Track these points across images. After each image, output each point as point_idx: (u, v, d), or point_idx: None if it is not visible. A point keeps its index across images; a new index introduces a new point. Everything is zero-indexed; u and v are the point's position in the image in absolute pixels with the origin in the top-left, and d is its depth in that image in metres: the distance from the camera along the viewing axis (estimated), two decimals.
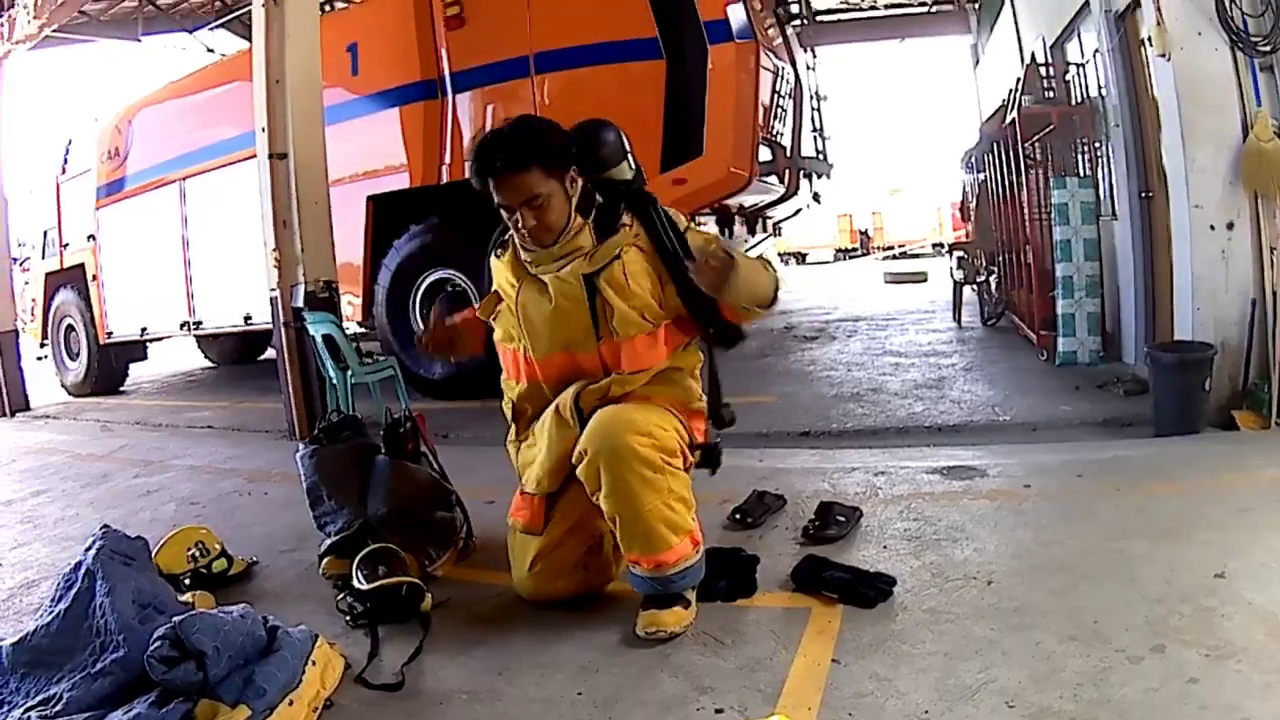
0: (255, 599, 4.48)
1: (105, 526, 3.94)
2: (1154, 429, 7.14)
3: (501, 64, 10.68)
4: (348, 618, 4.13)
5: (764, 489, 5.46)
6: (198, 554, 4.85)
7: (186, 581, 4.63)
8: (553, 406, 4.09)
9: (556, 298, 3.97)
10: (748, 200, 11.20)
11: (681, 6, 9.73)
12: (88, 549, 3.75)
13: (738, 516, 5.13)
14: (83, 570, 3.65)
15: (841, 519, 4.92)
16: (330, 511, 4.89)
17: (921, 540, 4.73)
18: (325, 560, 4.73)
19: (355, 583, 4.16)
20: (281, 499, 6.75)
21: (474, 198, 4.03)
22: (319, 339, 9.05)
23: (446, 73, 11.14)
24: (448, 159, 11.10)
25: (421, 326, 10.88)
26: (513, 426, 4.46)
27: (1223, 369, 7.06)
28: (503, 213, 3.94)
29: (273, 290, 9.40)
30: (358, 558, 4.31)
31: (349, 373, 8.97)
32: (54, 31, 14.85)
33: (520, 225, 3.89)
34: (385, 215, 11.55)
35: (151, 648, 3.17)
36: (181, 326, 14.51)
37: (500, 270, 4.23)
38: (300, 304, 9.19)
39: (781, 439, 7.77)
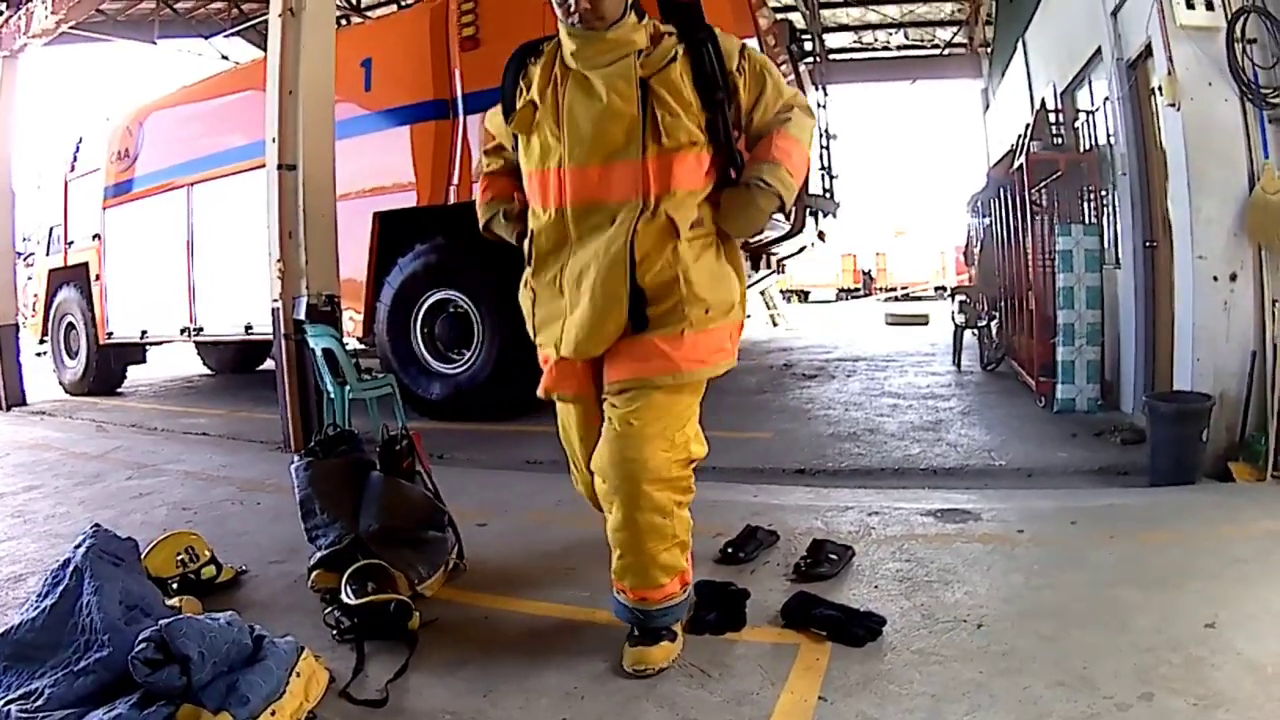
0: (243, 608, 4.47)
1: (96, 525, 3.94)
2: (1150, 478, 7.13)
3: None
4: (335, 631, 4.11)
5: (757, 524, 5.44)
6: (187, 559, 4.85)
7: (175, 586, 4.62)
8: (597, 269, 3.85)
9: (609, 95, 3.81)
10: (752, 236, 11.10)
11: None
12: (77, 547, 3.75)
13: (729, 550, 5.09)
14: (71, 567, 3.64)
15: (834, 557, 4.90)
16: (322, 525, 4.88)
17: (913, 581, 4.72)
18: (315, 573, 4.72)
19: (344, 597, 4.15)
20: (273, 510, 6.75)
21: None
22: (319, 352, 9.06)
23: (459, 93, 11.17)
24: (456, 180, 11.10)
25: (422, 348, 10.91)
26: (529, 269, 4.22)
27: (1221, 420, 7.06)
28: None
29: (275, 301, 9.39)
30: (347, 573, 4.30)
31: (347, 388, 8.98)
32: (70, 28, 14.98)
33: (573, 8, 3.76)
34: (391, 232, 11.58)
35: (136, 649, 3.17)
36: (182, 332, 14.57)
37: (538, 75, 4.01)
38: (302, 316, 9.19)
39: (777, 475, 7.72)
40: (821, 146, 13.46)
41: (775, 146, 3.96)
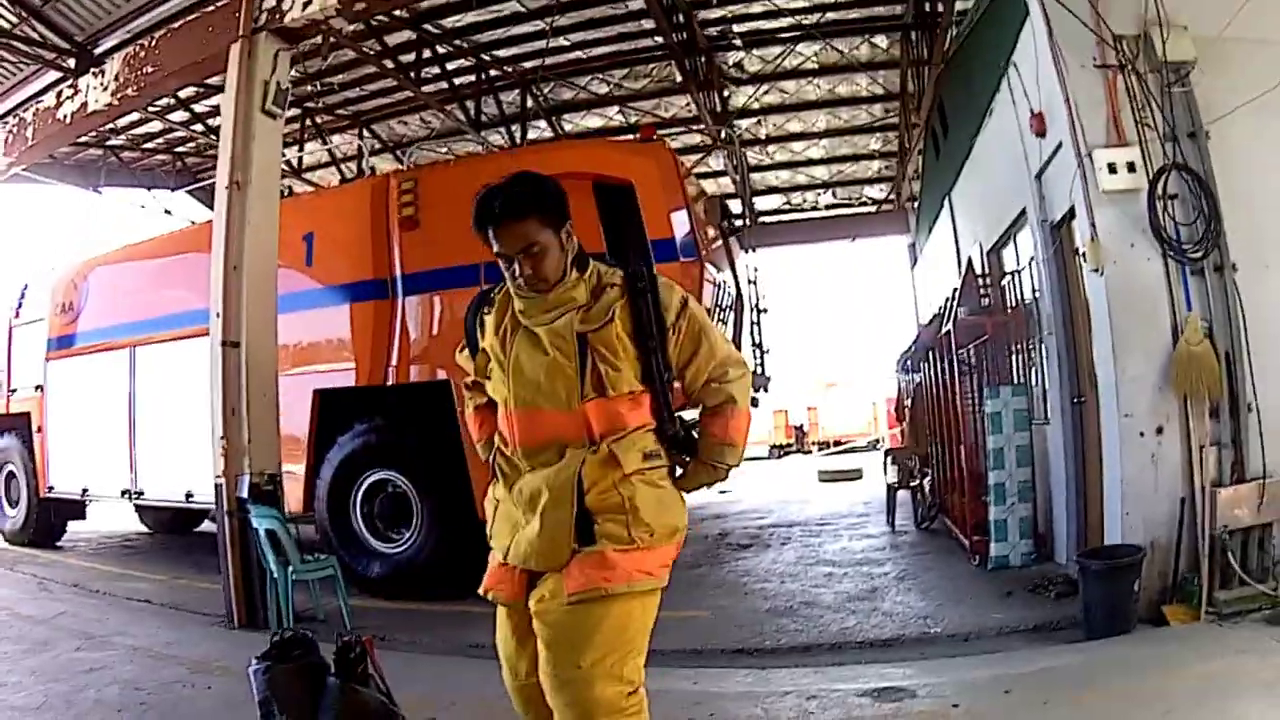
0: None
1: None
2: (1085, 632, 7.30)
3: (452, 270, 10.74)
4: None
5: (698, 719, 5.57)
6: None
7: None
8: (545, 483, 4.05)
9: (551, 349, 4.03)
10: (687, 414, 11.21)
11: (628, 225, 9.96)
12: None
13: None
14: None
15: None
16: None
17: None
18: None
19: None
20: (224, 695, 6.74)
21: (416, 402, 4.18)
22: (262, 533, 9.13)
23: (398, 273, 11.29)
24: (394, 360, 11.20)
25: (362, 527, 10.91)
26: (493, 482, 4.40)
27: (1153, 566, 7.29)
28: (501, 263, 4.02)
29: (218, 478, 9.47)
30: None
31: (290, 569, 9.06)
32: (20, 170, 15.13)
33: (518, 274, 3.97)
34: (332, 409, 11.58)
35: None
36: (123, 494, 14.40)
37: (491, 323, 4.25)
38: (244, 494, 9.27)
39: (715, 656, 7.79)
40: (752, 322, 13.69)
41: (730, 428, 4.25)
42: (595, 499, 3.95)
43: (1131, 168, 7.61)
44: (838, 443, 44.40)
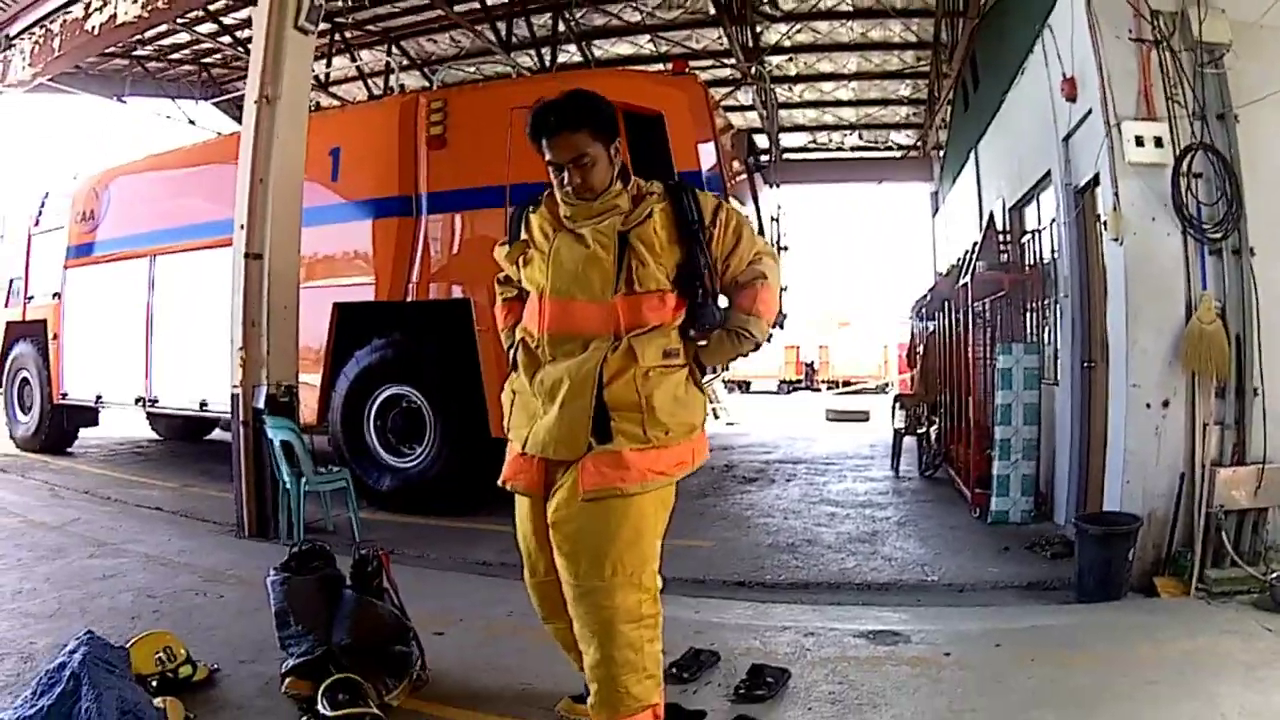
0: (219, 708, 4.72)
1: (89, 632, 4.18)
2: (1077, 595, 7.39)
3: (478, 190, 10.83)
4: None
5: (699, 645, 5.68)
6: (165, 659, 5.02)
7: (154, 684, 4.78)
8: (569, 383, 4.22)
9: (593, 243, 4.23)
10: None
11: (657, 155, 9.95)
12: (72, 651, 3.99)
13: (674, 671, 5.29)
14: (68, 672, 3.88)
15: (770, 680, 5.19)
16: (295, 635, 5.11)
17: (844, 704, 5.00)
18: (288, 680, 4.96)
19: (320, 708, 4.40)
20: (237, 604, 6.88)
21: (435, 319, 4.26)
22: (277, 444, 9.26)
23: (423, 192, 11.33)
24: (415, 277, 11.27)
25: (375, 441, 11.00)
26: (513, 373, 4.61)
27: (1148, 537, 7.33)
28: (551, 171, 4.27)
29: (235, 388, 9.55)
30: (323, 685, 4.55)
31: (303, 480, 9.19)
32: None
33: (566, 182, 4.23)
34: (351, 323, 11.66)
35: None
36: (137, 401, 14.55)
37: (536, 221, 4.46)
38: (261, 405, 9.37)
39: (716, 587, 7.90)
40: None
41: (759, 300, 4.45)
42: (613, 394, 4.13)
43: (1159, 142, 7.56)
44: (847, 383, 44.41)
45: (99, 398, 15.31)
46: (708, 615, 6.64)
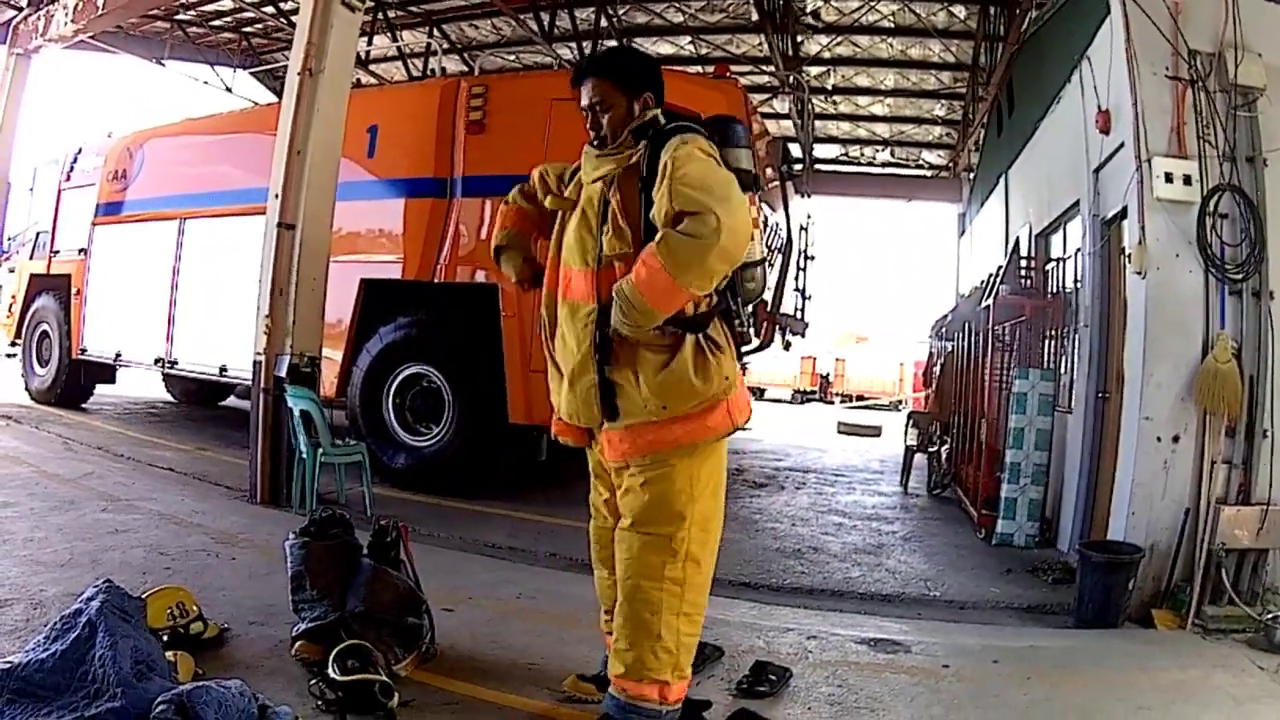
0: (229, 667, 4.76)
1: (107, 581, 4.20)
2: (1075, 620, 7.42)
3: (513, 178, 10.50)
4: (319, 702, 4.39)
5: (704, 640, 5.72)
6: (177, 614, 5.07)
7: (165, 638, 4.80)
8: (574, 360, 4.33)
9: (586, 210, 4.35)
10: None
11: None
12: (90, 599, 4.01)
13: None
14: (84, 619, 3.90)
15: (773, 678, 5.26)
16: (309, 600, 5.17)
17: (842, 706, 5.06)
18: (299, 643, 5.01)
19: (330, 672, 4.45)
20: (248, 567, 6.94)
21: (461, 301, 4.32)
22: (296, 413, 9.34)
23: (458, 175, 11.38)
24: (444, 258, 11.33)
25: (392, 418, 11.07)
26: (544, 334, 4.66)
27: (1149, 569, 7.34)
28: (585, 117, 4.38)
29: (258, 355, 9.62)
30: (335, 650, 4.60)
31: (320, 450, 9.26)
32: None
33: (589, 126, 4.36)
34: (377, 300, 11.75)
35: (156, 709, 3.46)
36: (156, 361, 14.64)
37: (573, 180, 4.60)
38: (283, 374, 9.44)
39: (723, 586, 7.63)
40: (798, 268, 13.75)
41: (640, 265, 4.03)
42: (612, 371, 4.21)
43: (1187, 180, 7.57)
44: (860, 397, 44.44)
45: (118, 355, 15.41)
46: (713, 612, 6.52)
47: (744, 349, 4.60)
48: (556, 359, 4.51)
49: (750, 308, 4.54)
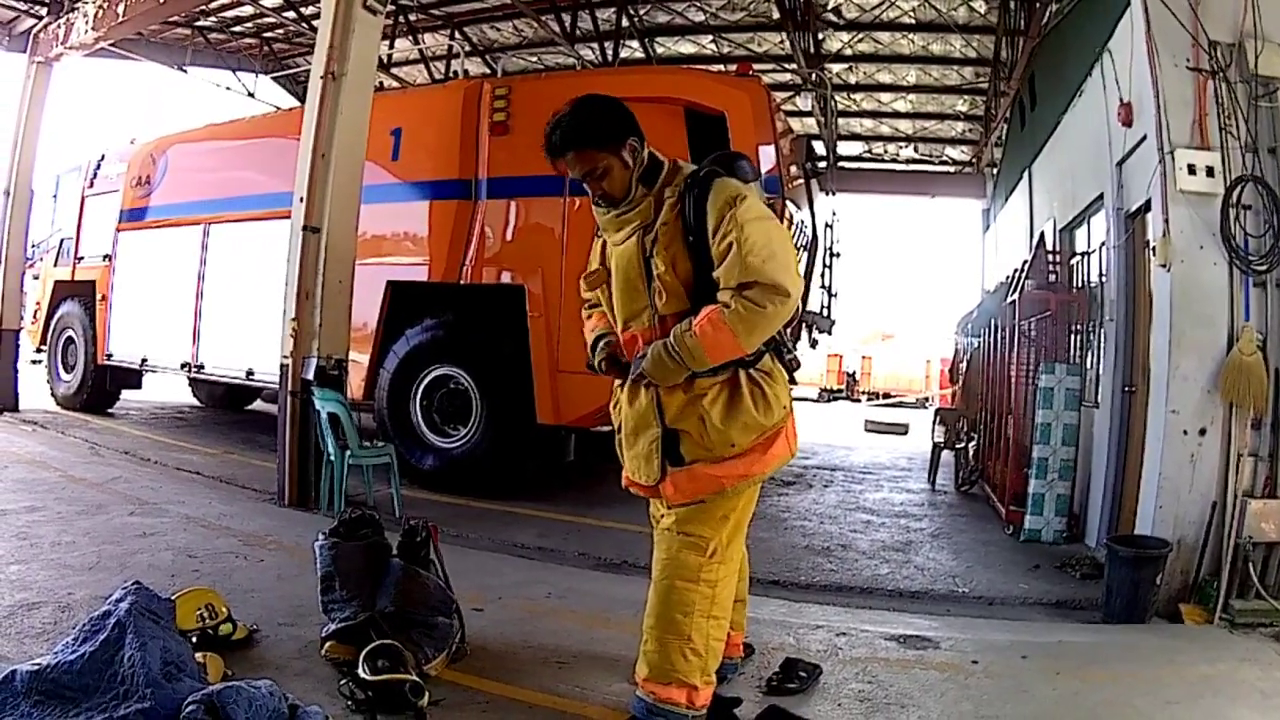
0: (258, 668, 4.78)
1: (137, 583, 4.23)
2: (1103, 615, 7.39)
3: (538, 179, 10.78)
4: (349, 702, 4.42)
5: None
6: (207, 615, 5.10)
7: (194, 640, 4.84)
8: (635, 420, 4.40)
9: (627, 270, 4.34)
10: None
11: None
12: (119, 600, 4.04)
13: None
14: (113, 620, 3.92)
15: (803, 675, 5.25)
16: (339, 600, 5.19)
17: (873, 703, 5.05)
18: (328, 644, 5.03)
19: (360, 672, 4.48)
20: (277, 568, 6.98)
21: (488, 303, 4.33)
22: (324, 415, 9.36)
23: (483, 176, 11.38)
24: (470, 260, 11.33)
25: (420, 420, 11.07)
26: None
27: (1177, 563, 7.30)
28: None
29: (285, 358, 9.66)
30: (365, 650, 4.62)
31: (348, 452, 9.29)
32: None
33: (591, 192, 4.34)
34: (403, 302, 11.76)
35: (187, 709, 3.48)
36: (183, 366, 14.73)
37: (598, 248, 4.64)
38: (310, 377, 9.46)
39: (752, 584, 7.58)
40: (825, 265, 13.72)
41: (706, 321, 4.07)
42: (674, 417, 4.22)
43: (1210, 172, 7.53)
44: (887, 395, 44.26)
45: (144, 361, 15.47)
46: None
47: (794, 373, 4.61)
48: (620, 420, 4.57)
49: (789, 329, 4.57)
